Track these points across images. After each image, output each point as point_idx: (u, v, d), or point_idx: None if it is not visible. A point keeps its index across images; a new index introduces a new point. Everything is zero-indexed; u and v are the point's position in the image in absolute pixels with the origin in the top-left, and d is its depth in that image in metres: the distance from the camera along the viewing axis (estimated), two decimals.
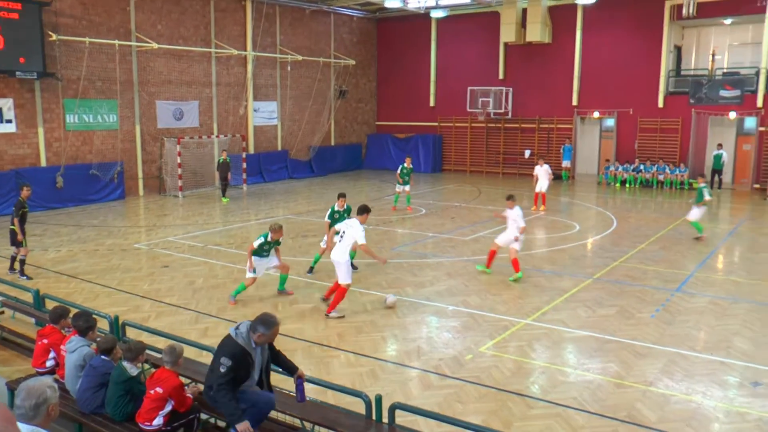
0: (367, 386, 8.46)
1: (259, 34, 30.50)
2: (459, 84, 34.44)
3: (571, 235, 18.81)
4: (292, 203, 24.88)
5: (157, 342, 8.52)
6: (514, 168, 33.93)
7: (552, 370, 9.20)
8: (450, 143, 36.20)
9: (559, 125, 32.50)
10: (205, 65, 28.98)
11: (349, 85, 36.27)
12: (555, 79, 32.25)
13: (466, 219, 21.28)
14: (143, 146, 26.82)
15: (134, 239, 18.36)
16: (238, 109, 30.47)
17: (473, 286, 13.42)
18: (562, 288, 13.26)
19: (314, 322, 11.20)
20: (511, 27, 31.91)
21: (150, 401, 6.47)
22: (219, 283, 13.71)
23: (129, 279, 14.10)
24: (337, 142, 36.43)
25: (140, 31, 26.02)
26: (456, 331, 10.81)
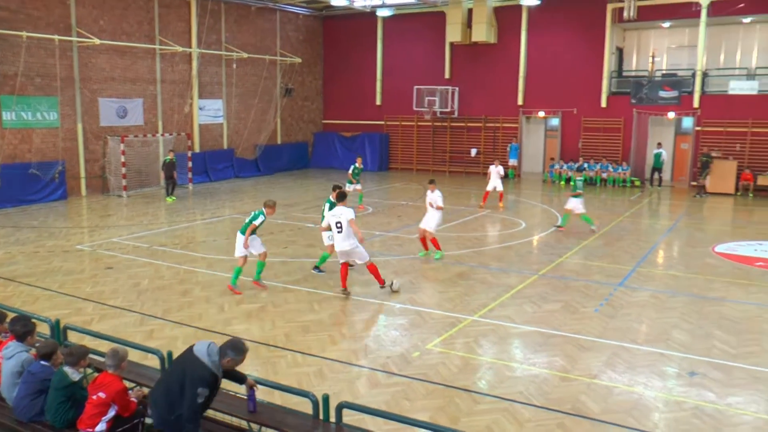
0: (315, 386, 8.45)
1: (204, 31, 30.13)
2: (405, 83, 34.58)
3: (517, 233, 19.08)
4: (238, 202, 24.63)
5: (101, 346, 8.31)
6: (461, 166, 34.23)
7: (499, 366, 9.32)
8: (397, 142, 36.32)
9: (505, 124, 32.91)
10: (150, 62, 28.47)
11: (295, 83, 36.09)
12: (501, 79, 32.65)
13: (413, 217, 21.33)
14: (86, 145, 26.19)
15: (77, 240, 17.93)
16: (183, 107, 30.02)
17: (420, 284, 13.51)
18: (508, 284, 13.44)
19: (261, 322, 11.13)
20: (457, 27, 32.17)
21: (92, 407, 6.32)
22: (165, 285, 13.49)
23: (71, 281, 13.77)
24: (283, 140, 36.19)
25: (81, 26, 25.41)
26: (403, 328, 10.86)
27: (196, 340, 10.03)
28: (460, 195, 26.64)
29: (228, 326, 10.91)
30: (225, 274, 14.14)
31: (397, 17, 34.60)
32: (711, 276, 14.30)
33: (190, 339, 10.27)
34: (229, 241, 17.64)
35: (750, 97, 27.03)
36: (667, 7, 28.38)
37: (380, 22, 35.63)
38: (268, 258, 13.46)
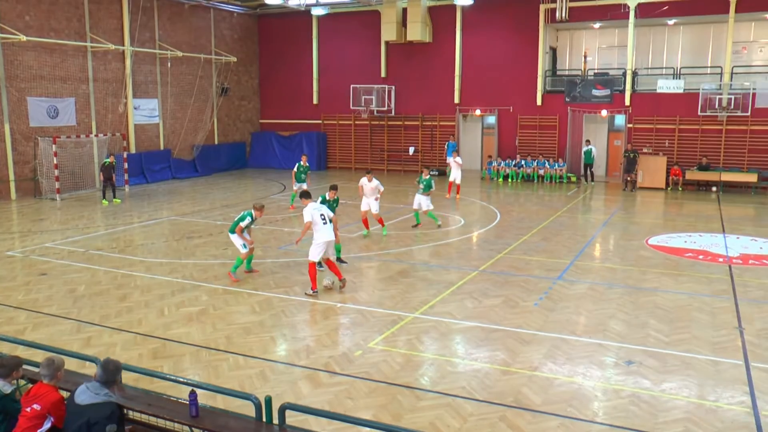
0: (257, 388, 8.39)
1: (137, 28, 29.52)
2: (342, 82, 34.57)
3: (456, 229, 19.29)
4: (176, 204, 24.22)
5: (35, 355, 8.06)
6: (399, 165, 34.42)
7: (440, 362, 9.42)
8: (334, 140, 36.28)
9: (442, 122, 33.22)
10: (81, 60, 27.72)
11: (231, 82, 35.69)
12: (437, 78, 32.95)
13: (352, 216, 21.35)
14: (14, 146, 25.33)
15: (7, 246, 17.33)
16: (117, 106, 29.34)
17: (361, 283, 13.53)
18: (449, 281, 13.58)
19: (201, 325, 10.98)
20: (392, 26, 32.32)
21: (26, 420, 6.10)
22: (102, 290, 13.17)
23: (1, 289, 13.30)
24: (220, 140, 35.75)
25: (5, 22, 24.52)
26: (345, 327, 10.88)
27: (136, 345, 9.96)
28: (398, 193, 26.77)
29: (168, 330, 10.73)
30: (164, 278, 13.92)
31: (333, 16, 34.58)
32: (645, 267, 14.73)
33: (129, 345, 10.10)
34: (167, 243, 17.43)
35: (677, 95, 27.95)
36: (598, 8, 29.11)
37: (315, 21, 35.52)
38: (208, 261, 13.30)
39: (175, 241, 17.66)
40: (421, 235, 18.29)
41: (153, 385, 7.52)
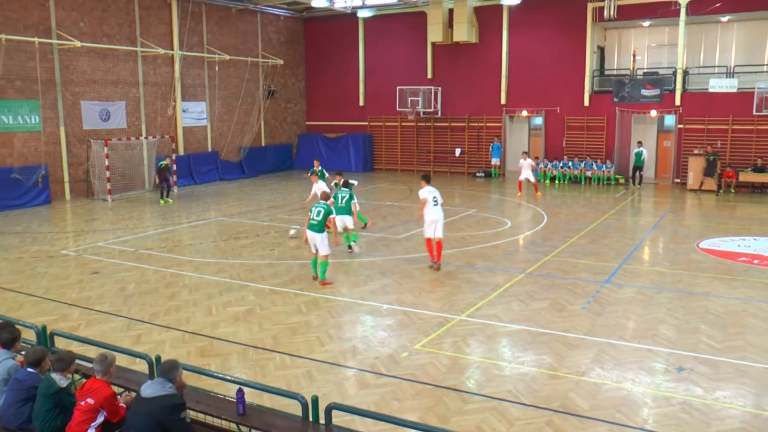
0: (303, 388, 8.43)
1: (186, 33, 30.01)
2: (388, 83, 34.60)
3: (503, 231, 19.14)
4: (223, 205, 24.54)
5: (88, 351, 8.27)
6: (445, 166, 34.29)
7: (487, 365, 9.34)
8: (380, 142, 36.34)
9: (489, 123, 33.02)
10: (131, 64, 28.31)
11: (277, 84, 36.02)
12: (483, 79, 32.75)
13: (398, 217, 21.40)
14: (69, 148, 25.99)
15: (61, 245, 17.78)
16: (166, 109, 29.88)
17: (407, 284, 13.51)
18: (495, 283, 13.48)
19: (248, 324, 11.09)
20: (438, 27, 32.23)
21: (81, 413, 6.26)
22: (152, 288, 13.41)
23: (56, 287, 13.66)
24: (267, 142, 36.11)
25: (61, 29, 25.21)
26: (391, 329, 10.87)
27: (184, 343, 10.11)
28: (445, 195, 26.57)
29: (216, 329, 10.87)
30: (212, 277, 14.11)
31: (378, 18, 34.63)
32: (696, 272, 14.41)
33: (177, 342, 10.26)
34: (215, 243, 17.66)
35: (730, 94, 27.25)
36: (647, 6, 28.58)
37: (361, 23, 35.63)
38: (255, 261, 13.44)
39: (223, 242, 17.89)
40: (468, 237, 18.19)
41: (201, 383, 7.62)
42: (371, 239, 18.01)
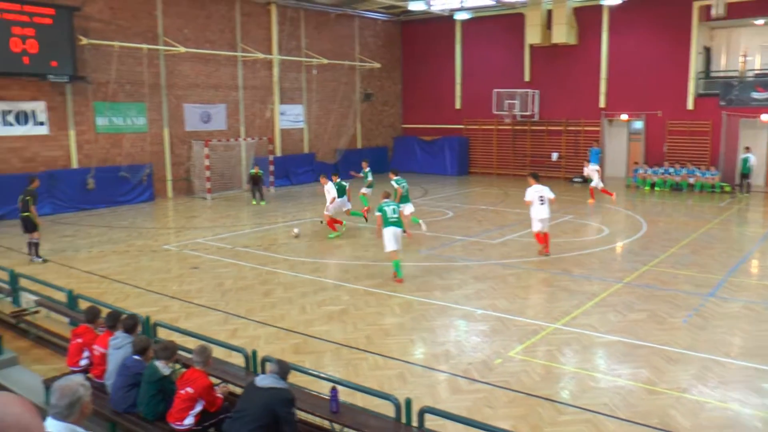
0: (396, 389, 8.43)
1: (285, 37, 30.65)
2: (484, 86, 34.30)
3: (599, 239, 18.65)
4: (319, 206, 24.76)
5: (187, 342, 8.56)
6: (542, 171, 33.58)
7: (582, 375, 9.10)
8: (476, 145, 36.07)
9: (587, 128, 32.24)
10: (232, 69, 29.18)
11: (374, 88, 36.30)
12: (582, 81, 32.01)
13: (493, 222, 21.19)
14: (172, 149, 27.08)
15: (163, 240, 18.51)
16: (264, 112, 30.64)
17: (501, 290, 13.34)
18: (591, 292, 13.13)
19: (342, 324, 11.22)
20: (536, 29, 31.73)
21: (180, 401, 6.51)
22: (248, 285, 13.77)
23: (158, 280, 14.22)
24: (363, 144, 36.48)
25: (167, 35, 26.28)
26: (484, 335, 10.75)
27: (278, 339, 10.30)
28: None
29: (309, 327, 11.04)
30: (306, 276, 14.34)
31: (476, 20, 34.38)
32: None
33: (272, 338, 10.48)
34: (310, 243, 17.96)
35: None
36: (760, 3, 27.16)
37: (458, 25, 35.48)
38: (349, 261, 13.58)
39: (318, 242, 18.16)
40: (563, 243, 17.80)
41: (294, 379, 7.71)
42: (466, 243, 17.90)
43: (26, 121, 22.67)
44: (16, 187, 21.18)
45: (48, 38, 22.19)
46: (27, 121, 22.68)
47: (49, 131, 23.25)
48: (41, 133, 23.05)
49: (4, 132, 22.17)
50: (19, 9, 21.57)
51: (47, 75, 22.34)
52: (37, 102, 22.83)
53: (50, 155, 23.39)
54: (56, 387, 4.03)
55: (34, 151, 22.94)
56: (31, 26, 21.82)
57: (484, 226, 20.55)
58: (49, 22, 22.24)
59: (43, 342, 10.30)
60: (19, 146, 22.60)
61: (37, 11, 21.96)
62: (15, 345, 10.17)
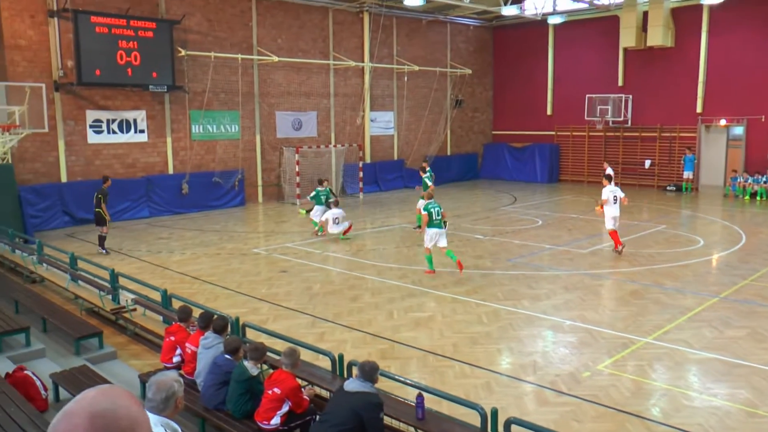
0: (482, 398, 8.36)
1: (376, 45, 30.93)
2: (576, 91, 33.63)
3: (694, 251, 17.94)
4: (407, 212, 24.97)
5: (275, 344, 8.74)
6: (634, 179, 32.72)
7: (674, 393, 8.77)
8: (567, 152, 35.39)
9: (682, 134, 31.09)
10: (323, 77, 29.68)
11: (465, 94, 36.17)
12: (678, 85, 30.90)
13: (584, 231, 20.74)
14: (263, 155, 27.77)
15: (253, 244, 18.98)
16: (355, 119, 31.01)
17: (591, 301, 13.04)
18: (684, 306, 12.65)
19: (429, 331, 11.21)
20: (631, 31, 30.88)
21: (268, 401, 6.65)
22: (335, 290, 13.95)
23: (248, 282, 14.59)
24: (453, 151, 36.40)
25: (261, 45, 26.99)
26: (573, 346, 10.53)
27: (365, 344, 10.39)
28: (632, 209, 25.47)
29: (396, 333, 11.08)
30: (394, 282, 14.42)
31: (569, 24, 33.77)
32: None
33: (359, 343, 10.58)
34: (398, 249, 18.04)
35: None
36: None
37: (551, 30, 34.95)
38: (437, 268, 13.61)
39: (406, 248, 18.23)
40: (655, 254, 17.26)
41: (380, 384, 7.73)
42: (555, 252, 17.59)
43: (128, 130, 23.77)
44: (118, 191, 22.54)
45: (149, 51, 23.22)
46: (129, 129, 23.79)
47: (148, 138, 24.29)
48: (141, 140, 24.11)
49: (109, 140, 23.32)
50: (125, 24, 22.68)
51: (148, 85, 23.35)
52: (139, 111, 23.90)
53: (149, 161, 24.40)
54: (153, 381, 4.21)
55: (134, 158, 23.99)
56: (134, 40, 22.90)
57: (573, 235, 20.14)
58: (151, 36, 23.29)
59: (139, 338, 10.77)
60: (122, 153, 23.70)
61: (141, 26, 23.04)
62: (114, 340, 10.68)
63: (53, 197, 21.42)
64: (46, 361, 9.21)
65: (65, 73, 21.96)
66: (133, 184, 23.61)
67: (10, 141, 19.51)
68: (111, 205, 21.46)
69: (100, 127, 23.11)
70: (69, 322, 10.13)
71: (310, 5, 28.66)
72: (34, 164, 21.76)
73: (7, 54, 20.91)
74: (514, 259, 16.86)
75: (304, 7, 28.54)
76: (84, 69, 21.86)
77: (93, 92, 22.82)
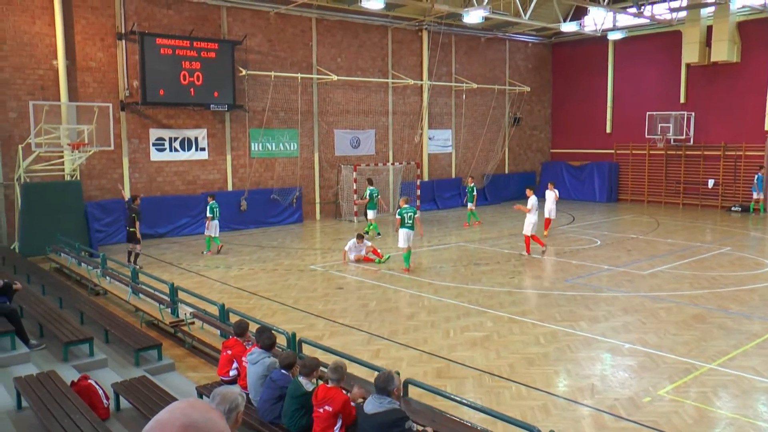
0: (539, 421, 8.22)
1: (435, 63, 31.00)
2: (637, 109, 33.04)
3: (761, 274, 17.33)
4: (464, 231, 24.87)
5: (331, 360, 8.77)
6: (696, 198, 31.89)
7: (741, 423, 8.43)
8: (627, 171, 34.70)
9: (748, 152, 30.16)
10: (382, 95, 29.87)
11: (523, 112, 35.91)
12: (743, 102, 30.00)
13: (644, 252, 20.28)
14: (321, 173, 28.04)
15: (310, 261, 19.13)
16: (413, 137, 31.09)
17: (651, 324, 12.70)
18: (751, 332, 12.20)
19: (485, 351, 11.09)
20: (695, 46, 30.16)
21: (321, 420, 6.65)
22: (391, 307, 13.94)
23: (304, 298, 14.70)
24: (510, 169, 36.13)
25: (321, 65, 27.34)
26: (632, 370, 10.26)
27: (421, 362, 10.34)
28: (695, 229, 24.87)
29: (452, 352, 11.00)
30: (450, 301, 14.34)
31: (629, 40, 33.23)
32: None
33: (414, 361, 10.53)
34: (455, 268, 17.95)
35: None
36: None
37: (611, 46, 34.43)
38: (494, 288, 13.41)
39: (463, 267, 18.12)
40: (718, 277, 16.76)
41: (436, 403, 7.74)
42: (614, 273, 17.25)
43: (189, 148, 24.33)
44: (178, 207, 23.20)
45: (211, 71, 23.78)
46: (190, 147, 24.34)
47: (208, 156, 24.79)
48: (202, 158, 24.63)
49: (171, 157, 23.91)
50: (188, 45, 23.29)
51: (210, 105, 23.88)
52: (200, 129, 24.45)
53: (209, 178, 24.90)
54: (218, 392, 4.27)
55: (194, 175, 24.51)
56: (197, 60, 23.49)
57: (633, 256, 19.72)
58: (213, 56, 23.85)
59: (197, 351, 10.95)
60: (183, 170, 24.24)
61: (204, 47, 23.64)
62: (172, 353, 10.88)
63: (117, 213, 22.00)
64: (107, 371, 9.46)
65: (131, 93, 22.65)
66: (193, 200, 24.10)
67: (79, 158, 20.21)
68: (171, 220, 22.75)
69: (162, 145, 23.71)
70: (130, 333, 10.38)
71: (369, 24, 28.94)
72: (101, 181, 22.45)
73: (79, 75, 21.72)
74: (572, 279, 16.59)
75: (364, 26, 28.83)
76: (149, 89, 22.52)
77: (156, 111, 23.46)
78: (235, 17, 24.97)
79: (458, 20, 28.75)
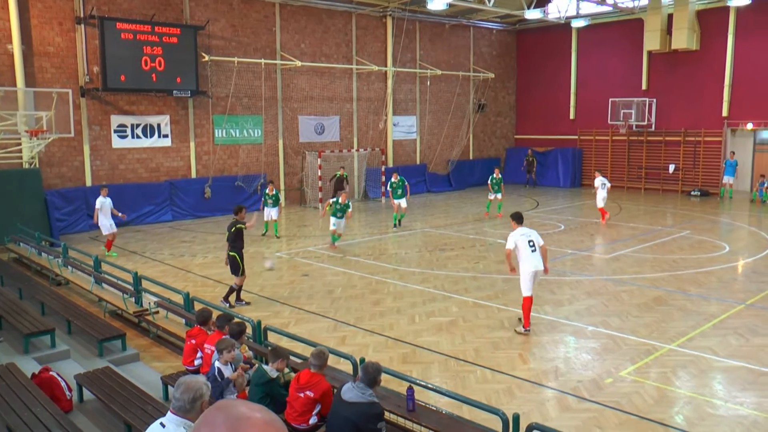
0: (504, 404, 8.32)
1: (399, 50, 30.95)
2: (600, 95, 33.41)
3: (719, 257, 17.71)
4: (430, 216, 24.97)
5: (296, 347, 8.78)
6: (657, 183, 32.43)
7: (699, 401, 8.66)
8: (590, 157, 35.11)
9: (707, 138, 30.74)
10: (346, 81, 29.76)
11: (488, 98, 36.07)
12: (703, 89, 30.55)
13: (606, 236, 20.58)
14: (285, 159, 27.88)
15: (276, 248, 19.04)
16: (377, 123, 31.04)
17: (613, 307, 12.92)
18: (709, 313, 12.48)
19: (451, 336, 11.19)
20: (656, 34, 30.58)
21: (301, 405, 6.66)
22: (357, 294, 13.96)
23: (270, 286, 14.65)
24: (475, 156, 36.29)
25: (285, 50, 27.13)
26: (595, 352, 10.44)
27: (387, 348, 10.38)
28: (656, 214, 25.29)
29: (418, 338, 11.07)
30: (416, 287, 14.41)
31: (592, 27, 33.56)
32: None
33: (380, 347, 10.58)
34: (420, 254, 18.01)
35: None
36: None
37: (575, 33, 34.74)
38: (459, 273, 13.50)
39: (428, 252, 18.20)
40: (679, 260, 17.08)
41: (402, 388, 7.76)
42: (577, 257, 17.48)
43: (152, 134, 24.01)
44: (141, 195, 22.89)
45: (174, 56, 23.44)
46: (153, 134, 24.03)
47: (171, 143, 24.51)
48: (165, 144, 24.34)
49: (134, 144, 23.58)
50: (150, 30, 22.92)
51: (172, 90, 23.57)
52: (163, 116, 24.13)
53: (172, 165, 24.62)
54: (182, 381, 4.23)
55: (158, 162, 24.22)
56: (159, 46, 23.13)
57: (596, 240, 20.00)
58: (175, 41, 23.50)
59: (162, 341, 10.87)
60: (145, 157, 23.92)
61: (166, 32, 23.28)
62: (137, 343, 10.79)
63: (78, 201, 21.66)
64: (70, 362, 9.33)
65: (91, 79, 22.26)
66: (157, 188, 23.82)
67: (37, 146, 19.81)
68: (134, 208, 22.39)
69: (124, 132, 23.36)
70: (93, 324, 10.25)
71: (333, 10, 28.76)
72: (61, 169, 22.04)
73: (36, 61, 21.23)
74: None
75: (328, 12, 28.65)
76: (109, 75, 22.15)
77: (118, 97, 23.08)
78: (197, 2, 24.64)
79: (422, 7, 28.72)
